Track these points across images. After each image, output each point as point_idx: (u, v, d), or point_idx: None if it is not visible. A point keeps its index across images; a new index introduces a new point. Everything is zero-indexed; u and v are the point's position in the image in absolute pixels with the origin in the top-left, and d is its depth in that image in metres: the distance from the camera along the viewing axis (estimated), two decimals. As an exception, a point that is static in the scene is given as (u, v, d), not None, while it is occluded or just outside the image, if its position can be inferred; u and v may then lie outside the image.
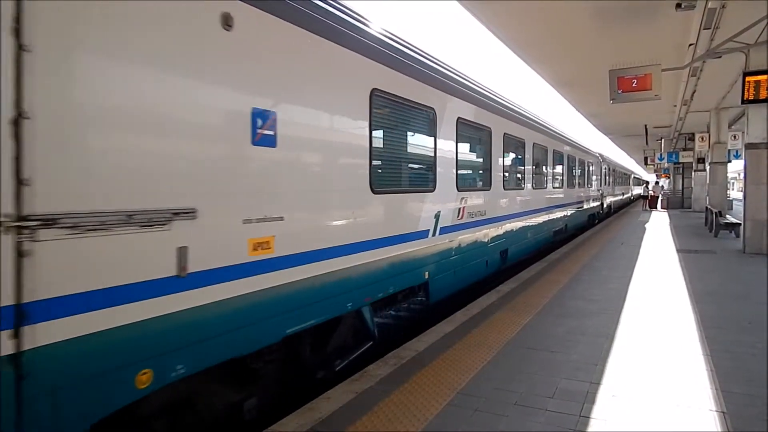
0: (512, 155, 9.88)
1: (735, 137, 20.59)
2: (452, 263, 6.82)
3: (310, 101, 4.08)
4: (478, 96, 7.83)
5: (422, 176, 6.26)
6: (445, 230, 6.54)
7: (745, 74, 9.85)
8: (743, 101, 9.91)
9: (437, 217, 6.32)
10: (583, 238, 15.50)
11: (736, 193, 41.61)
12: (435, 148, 6.32)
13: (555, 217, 13.66)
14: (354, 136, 4.70)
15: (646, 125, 25.26)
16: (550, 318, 6.16)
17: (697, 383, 4.13)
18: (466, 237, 7.27)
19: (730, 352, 4.87)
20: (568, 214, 15.47)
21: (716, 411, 3.63)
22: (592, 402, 3.78)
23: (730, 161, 21.80)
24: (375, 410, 3.66)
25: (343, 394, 3.91)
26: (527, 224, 10.65)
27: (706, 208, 19.48)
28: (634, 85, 10.02)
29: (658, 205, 33.62)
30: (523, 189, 10.48)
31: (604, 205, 24.93)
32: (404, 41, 5.81)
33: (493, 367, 4.50)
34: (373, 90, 4.95)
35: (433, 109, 6.24)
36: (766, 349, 4.89)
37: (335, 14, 4.42)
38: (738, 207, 19.01)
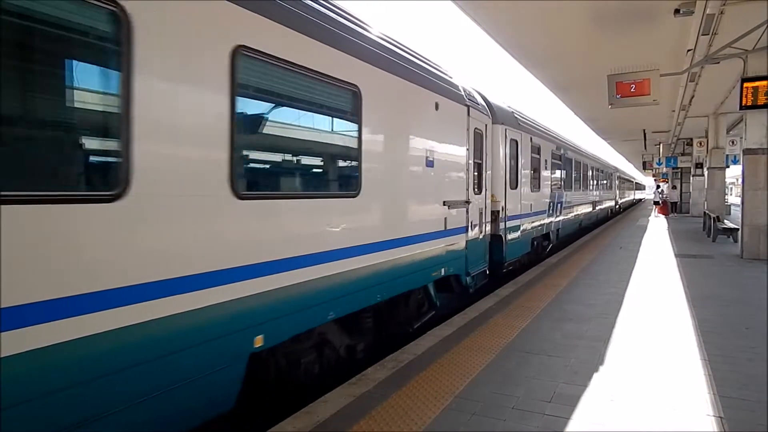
0: None
1: (733, 142, 20.70)
2: None
3: None
4: None
5: None
6: None
7: (743, 80, 9.89)
8: (741, 107, 9.94)
9: None
10: (582, 243, 15.47)
11: (734, 198, 41.68)
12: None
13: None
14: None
15: (644, 130, 25.39)
16: (548, 322, 6.16)
17: (695, 388, 4.13)
18: None
19: (727, 357, 4.88)
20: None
21: (714, 416, 3.63)
22: (590, 406, 3.78)
23: (728, 166, 21.90)
24: (372, 414, 3.65)
25: (341, 398, 3.90)
26: None
27: (704, 213, 19.52)
28: (632, 90, 10.07)
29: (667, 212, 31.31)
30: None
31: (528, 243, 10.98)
32: None
33: (491, 371, 4.50)
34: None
35: None
36: (765, 354, 4.90)
37: None
38: (736, 212, 19.05)
